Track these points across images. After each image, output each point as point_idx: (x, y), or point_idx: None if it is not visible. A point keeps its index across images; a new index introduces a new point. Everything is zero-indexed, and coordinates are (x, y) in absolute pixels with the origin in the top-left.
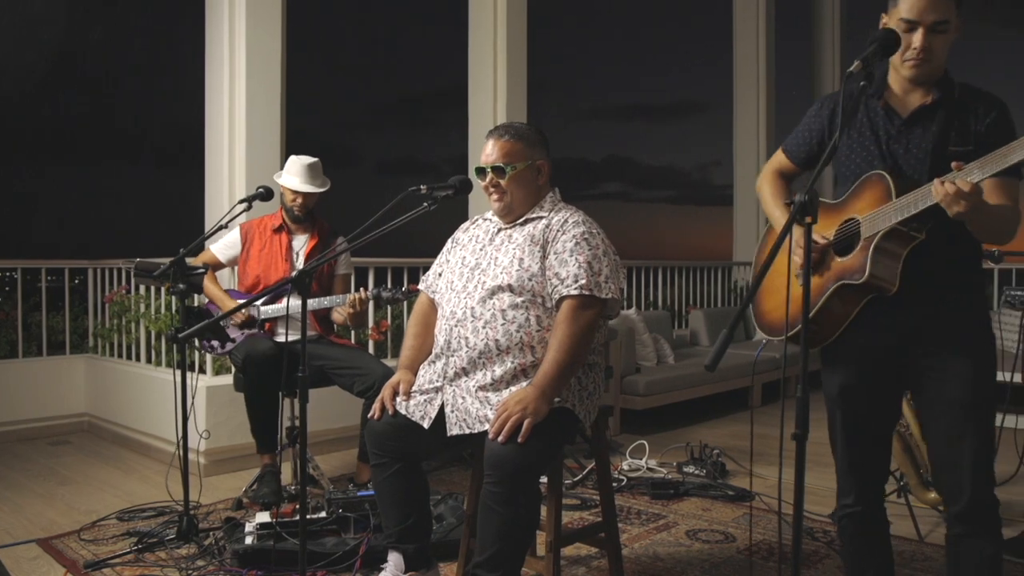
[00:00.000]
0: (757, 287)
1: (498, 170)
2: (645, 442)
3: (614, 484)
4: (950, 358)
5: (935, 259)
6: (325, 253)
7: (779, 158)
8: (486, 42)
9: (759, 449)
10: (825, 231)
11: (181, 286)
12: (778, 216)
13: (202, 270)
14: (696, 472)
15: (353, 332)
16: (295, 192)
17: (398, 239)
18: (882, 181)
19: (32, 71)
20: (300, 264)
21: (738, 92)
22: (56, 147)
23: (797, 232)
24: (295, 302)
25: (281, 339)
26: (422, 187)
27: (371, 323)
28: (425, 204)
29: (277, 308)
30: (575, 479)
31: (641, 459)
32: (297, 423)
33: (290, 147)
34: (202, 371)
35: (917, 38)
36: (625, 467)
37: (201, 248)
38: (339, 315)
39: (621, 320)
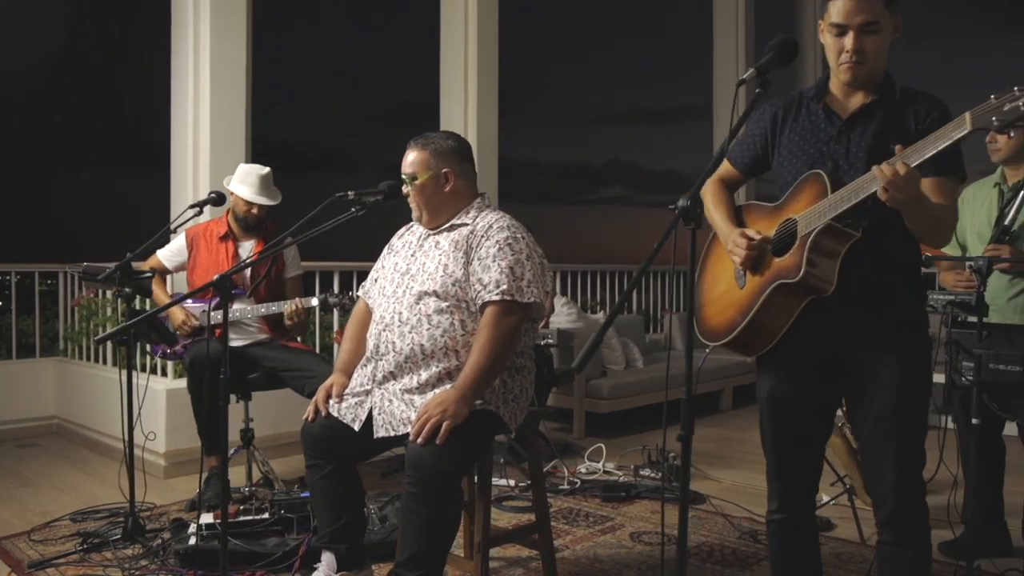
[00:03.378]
0: (633, 288)
1: (407, 179)
2: (603, 445)
3: (567, 487)
4: (880, 365)
5: (872, 259)
6: (252, 256)
7: (723, 166)
8: (457, 51)
9: (722, 453)
10: (765, 233)
11: (127, 290)
12: (719, 222)
13: (149, 274)
14: (651, 475)
15: (317, 335)
16: (250, 203)
17: (369, 242)
18: (819, 180)
19: (25, 75)
20: (247, 270)
21: (719, 102)
22: (45, 149)
23: (734, 235)
24: (240, 306)
25: (232, 344)
26: (350, 192)
27: (336, 327)
28: (353, 209)
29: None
30: (528, 482)
31: (599, 462)
32: (250, 425)
33: (291, 152)
34: (164, 374)
35: (848, 41)
36: (583, 470)
37: (149, 252)
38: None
39: (587, 324)
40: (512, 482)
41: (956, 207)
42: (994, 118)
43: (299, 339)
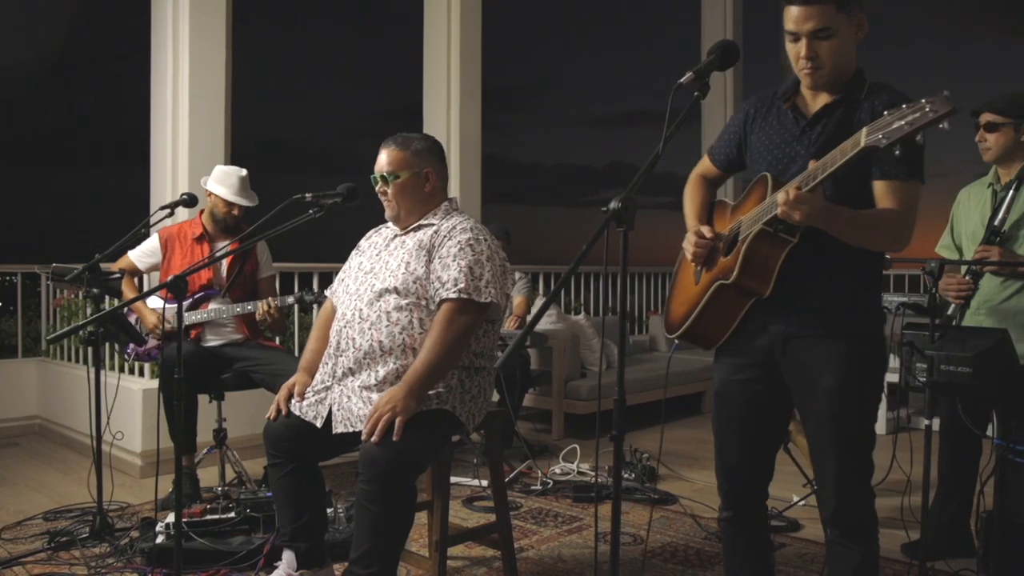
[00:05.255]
0: (561, 287)
1: (385, 178)
2: (577, 446)
3: (539, 487)
4: (820, 371)
5: (812, 265)
6: (206, 258)
7: (704, 162)
8: (439, 53)
9: (698, 454)
10: (722, 231)
11: (95, 291)
12: (687, 217)
13: (118, 275)
14: (626, 476)
15: (296, 336)
16: (230, 204)
17: (355, 243)
18: (763, 182)
19: (26, 74)
20: (223, 271)
21: (707, 106)
22: (46, 148)
23: (689, 232)
24: (216, 305)
25: (207, 344)
26: (307, 195)
27: None
28: (311, 212)
29: (204, 314)
30: None
31: (573, 463)
32: (224, 425)
33: (293, 154)
34: (140, 374)
35: (802, 48)
36: (557, 471)
37: (119, 253)
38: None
39: (567, 326)
40: (484, 482)
41: (907, 210)
42: (880, 135)
43: (277, 340)
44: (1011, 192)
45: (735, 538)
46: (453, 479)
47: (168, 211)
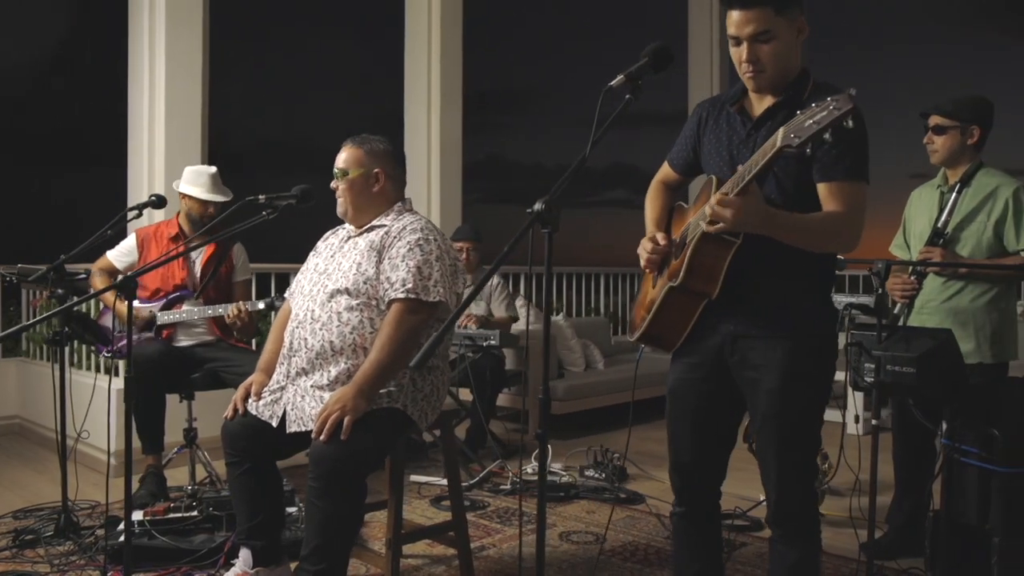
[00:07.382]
0: (480, 287)
1: (339, 174)
2: (549, 445)
3: (508, 487)
4: (765, 370)
5: (759, 265)
6: (160, 257)
7: (664, 168)
8: (420, 55)
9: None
10: (677, 234)
11: (59, 291)
12: (647, 223)
13: (83, 276)
14: (596, 476)
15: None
16: (205, 202)
17: None
18: (710, 185)
19: (26, 74)
20: (198, 271)
21: (693, 107)
22: (47, 148)
23: (644, 239)
24: (188, 307)
25: (178, 344)
26: (261, 196)
27: None
28: (264, 213)
29: (175, 314)
30: (471, 481)
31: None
32: (194, 424)
33: (295, 154)
34: (116, 373)
35: (743, 51)
36: (529, 470)
37: (85, 253)
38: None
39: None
40: None
41: (851, 211)
42: (792, 135)
43: (245, 341)
44: (954, 195)
45: (685, 534)
46: (422, 478)
47: (136, 212)
